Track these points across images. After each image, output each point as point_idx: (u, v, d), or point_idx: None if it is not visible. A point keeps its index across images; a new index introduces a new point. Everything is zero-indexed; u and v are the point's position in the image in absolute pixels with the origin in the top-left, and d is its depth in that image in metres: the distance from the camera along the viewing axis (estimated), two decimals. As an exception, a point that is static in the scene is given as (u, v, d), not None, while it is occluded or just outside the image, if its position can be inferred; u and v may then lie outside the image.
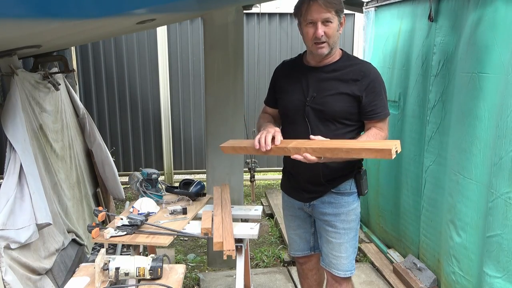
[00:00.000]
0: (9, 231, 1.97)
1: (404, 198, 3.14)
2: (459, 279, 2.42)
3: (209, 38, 3.09)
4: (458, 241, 2.41)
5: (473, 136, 2.27)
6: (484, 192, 2.21)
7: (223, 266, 3.37)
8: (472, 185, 2.29)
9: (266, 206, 4.65)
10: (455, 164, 2.43)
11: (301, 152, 1.78)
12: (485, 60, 2.20)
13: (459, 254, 2.41)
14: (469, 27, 2.35)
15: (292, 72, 2.07)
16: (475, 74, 2.25)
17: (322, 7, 1.83)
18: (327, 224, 2.08)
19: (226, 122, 3.14)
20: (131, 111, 5.34)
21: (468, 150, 2.30)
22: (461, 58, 2.42)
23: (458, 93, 2.43)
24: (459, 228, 2.40)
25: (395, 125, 3.19)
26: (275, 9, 5.22)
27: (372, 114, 1.95)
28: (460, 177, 2.38)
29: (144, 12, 1.87)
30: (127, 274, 1.70)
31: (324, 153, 1.76)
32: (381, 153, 1.67)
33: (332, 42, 1.89)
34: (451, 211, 2.47)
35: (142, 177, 2.62)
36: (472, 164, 2.28)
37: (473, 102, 2.27)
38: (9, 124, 2.15)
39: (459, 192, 2.39)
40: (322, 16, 1.84)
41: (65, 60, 3.13)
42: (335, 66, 1.98)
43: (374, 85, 1.93)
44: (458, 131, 2.41)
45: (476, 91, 2.25)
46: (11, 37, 1.77)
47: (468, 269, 2.36)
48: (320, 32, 1.85)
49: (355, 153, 1.72)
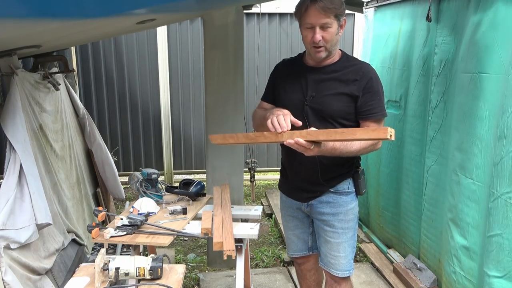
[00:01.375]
0: (9, 231, 1.97)
1: (404, 198, 3.14)
2: (460, 279, 2.42)
3: (209, 38, 3.09)
4: (459, 241, 2.41)
5: (474, 136, 2.27)
6: (485, 192, 2.20)
7: (223, 266, 3.37)
8: (473, 185, 2.29)
9: (266, 206, 4.65)
10: (456, 164, 2.43)
11: (293, 137, 1.73)
12: (486, 60, 2.20)
13: (460, 254, 2.41)
14: (470, 27, 2.35)
15: (292, 71, 2.07)
16: (476, 75, 2.25)
17: (320, 12, 1.80)
18: (326, 224, 2.08)
19: (226, 122, 3.14)
20: (131, 111, 5.34)
21: (470, 150, 2.30)
22: (462, 58, 2.41)
23: (459, 93, 2.43)
24: (460, 228, 2.40)
25: (396, 125, 3.19)
26: (275, 9, 5.22)
27: (368, 114, 1.93)
28: (462, 177, 2.37)
29: (144, 12, 1.87)
30: (127, 274, 1.70)
31: (318, 136, 1.70)
32: (376, 132, 1.59)
33: (330, 46, 1.89)
34: (452, 211, 2.47)
35: (142, 177, 2.62)
36: (473, 164, 2.28)
37: (474, 102, 2.26)
38: (9, 124, 2.15)
39: (460, 192, 2.39)
40: (320, 21, 1.82)
41: (65, 60, 3.13)
42: (334, 67, 1.98)
43: (371, 85, 1.93)
44: (460, 131, 2.41)
45: (477, 91, 2.24)
46: (11, 37, 1.76)
47: (469, 269, 2.36)
48: (318, 37, 1.84)
49: (349, 133, 1.65)
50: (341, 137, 1.68)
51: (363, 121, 1.96)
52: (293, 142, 1.72)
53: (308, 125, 1.96)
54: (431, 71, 2.77)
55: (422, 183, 2.90)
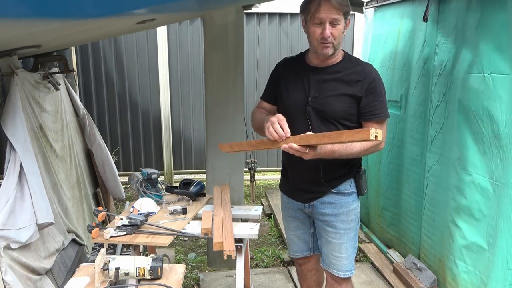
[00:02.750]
0: (9, 231, 1.97)
1: (405, 198, 3.14)
2: (473, 277, 2.41)
3: (209, 38, 3.09)
4: (470, 239, 2.41)
5: (492, 136, 2.25)
6: (496, 190, 2.20)
7: (223, 266, 3.37)
8: (486, 183, 2.28)
9: (266, 206, 4.65)
10: (464, 163, 2.41)
11: (288, 142, 1.76)
12: (498, 61, 2.18)
13: (470, 253, 2.41)
14: (472, 27, 2.34)
15: (294, 70, 2.06)
16: (489, 75, 2.24)
17: (333, 8, 1.82)
18: (327, 225, 2.08)
19: (226, 122, 3.14)
20: (131, 111, 5.34)
21: (486, 150, 2.29)
22: (466, 59, 2.40)
23: (465, 94, 2.40)
24: (471, 226, 2.39)
25: (396, 125, 3.19)
26: (275, 9, 5.22)
27: (371, 115, 1.94)
28: (472, 176, 2.36)
29: (144, 12, 1.87)
30: (127, 274, 1.70)
31: (309, 140, 1.74)
32: (361, 133, 1.62)
33: (337, 43, 1.90)
34: (458, 210, 2.46)
35: (142, 177, 2.62)
36: (493, 164, 2.26)
37: (487, 102, 2.24)
38: (9, 124, 2.15)
39: (470, 191, 2.38)
40: (331, 16, 1.83)
41: (65, 60, 3.13)
42: (337, 68, 1.98)
43: (374, 86, 1.93)
44: (468, 131, 2.39)
45: (490, 92, 2.23)
46: (11, 37, 1.77)
47: (480, 267, 2.35)
48: (328, 33, 1.85)
49: (336, 136, 1.70)
50: (329, 140, 1.71)
51: (366, 122, 1.96)
52: (288, 147, 1.75)
53: (310, 125, 1.96)
54: (432, 71, 2.76)
55: (423, 183, 2.89)
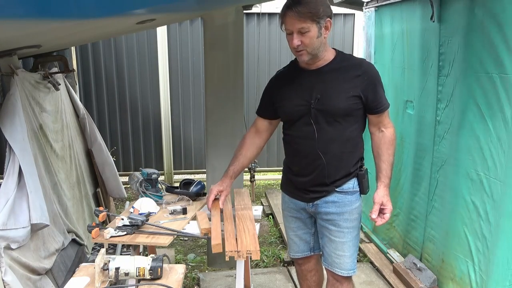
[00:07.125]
0: (9, 231, 1.97)
1: (410, 198, 3.11)
2: (477, 277, 2.40)
3: (209, 38, 3.09)
4: (476, 239, 2.40)
5: (494, 136, 2.25)
6: (508, 191, 2.19)
7: (223, 266, 3.37)
8: (497, 184, 2.26)
9: (266, 206, 4.65)
10: (476, 163, 2.40)
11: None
12: (505, 61, 2.17)
13: (477, 253, 2.41)
14: (475, 28, 2.34)
15: (290, 78, 2.08)
16: (496, 75, 2.23)
17: (295, 18, 1.85)
18: (331, 224, 2.09)
19: (226, 122, 3.14)
20: (131, 111, 5.34)
21: (488, 150, 2.29)
22: (472, 59, 2.39)
23: (473, 94, 2.39)
24: (483, 227, 2.38)
25: (410, 125, 3.15)
26: (275, 9, 5.22)
27: (379, 108, 2.01)
28: (484, 177, 2.35)
29: (144, 12, 1.87)
30: (127, 274, 1.70)
31: None
32: None
33: (311, 49, 1.91)
34: (467, 210, 2.45)
35: (142, 177, 2.62)
36: (497, 164, 2.25)
37: (498, 103, 2.23)
38: (7, 124, 2.15)
39: (478, 191, 2.38)
40: (296, 26, 1.86)
41: (65, 60, 3.13)
42: (333, 66, 1.99)
43: (374, 80, 1.99)
44: (476, 131, 2.38)
45: (499, 92, 2.22)
46: (11, 37, 1.76)
47: (482, 267, 2.35)
48: (296, 42, 1.88)
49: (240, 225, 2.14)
50: None
51: (372, 114, 2.04)
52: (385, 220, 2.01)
53: (315, 128, 1.98)
54: (438, 71, 2.74)
55: (430, 183, 2.87)
